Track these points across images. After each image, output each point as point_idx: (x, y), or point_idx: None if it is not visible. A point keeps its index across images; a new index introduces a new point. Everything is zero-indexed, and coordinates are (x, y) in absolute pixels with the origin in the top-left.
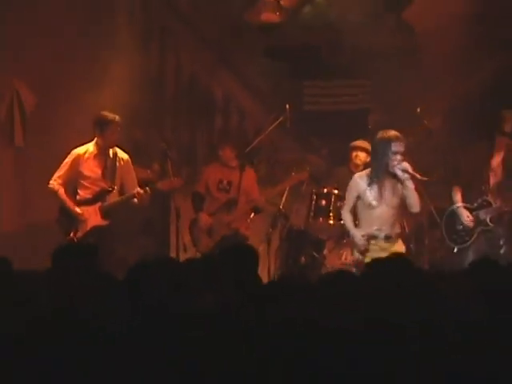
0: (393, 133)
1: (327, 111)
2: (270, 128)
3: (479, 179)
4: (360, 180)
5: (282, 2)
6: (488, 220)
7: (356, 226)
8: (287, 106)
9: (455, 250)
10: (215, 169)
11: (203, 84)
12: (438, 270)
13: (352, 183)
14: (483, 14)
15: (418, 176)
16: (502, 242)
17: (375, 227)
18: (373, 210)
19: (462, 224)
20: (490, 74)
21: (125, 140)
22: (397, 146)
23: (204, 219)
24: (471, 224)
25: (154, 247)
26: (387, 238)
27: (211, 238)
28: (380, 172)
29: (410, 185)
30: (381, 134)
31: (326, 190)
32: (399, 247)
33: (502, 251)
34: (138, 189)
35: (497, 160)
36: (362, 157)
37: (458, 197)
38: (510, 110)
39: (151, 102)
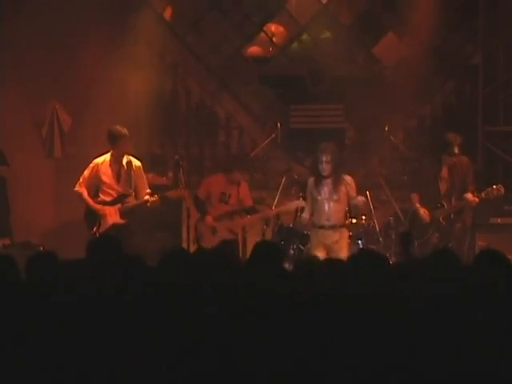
0: (322, 146)
1: (309, 129)
2: (265, 142)
3: (433, 187)
4: (310, 182)
5: (274, 39)
6: (441, 219)
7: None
8: (278, 125)
9: (416, 244)
10: (219, 180)
11: (208, 106)
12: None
13: (307, 185)
14: (437, 47)
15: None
16: (451, 237)
17: (324, 217)
18: (319, 203)
19: (421, 222)
20: (440, 99)
21: (145, 153)
22: (321, 156)
23: (209, 221)
24: (428, 218)
25: (169, 241)
26: (332, 227)
27: (214, 236)
28: (317, 175)
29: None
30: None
31: None
32: (344, 234)
33: (450, 244)
34: (149, 197)
35: (444, 172)
36: None
37: (415, 201)
38: (454, 133)
39: (166, 122)
